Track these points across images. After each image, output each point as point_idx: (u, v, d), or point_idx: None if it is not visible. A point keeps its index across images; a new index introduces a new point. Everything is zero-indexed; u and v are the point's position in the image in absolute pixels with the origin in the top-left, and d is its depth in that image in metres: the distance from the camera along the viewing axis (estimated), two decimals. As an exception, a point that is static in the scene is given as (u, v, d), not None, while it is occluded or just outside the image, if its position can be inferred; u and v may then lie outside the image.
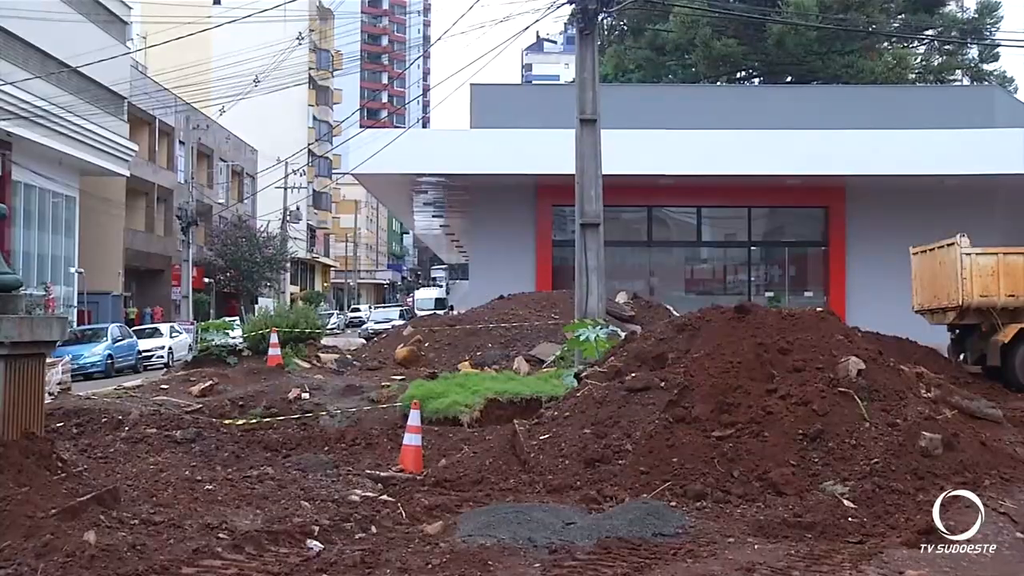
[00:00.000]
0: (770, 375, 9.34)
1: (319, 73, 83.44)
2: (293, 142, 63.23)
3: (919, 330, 20.12)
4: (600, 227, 16.75)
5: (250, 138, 65.01)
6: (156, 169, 51.13)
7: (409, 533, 7.36)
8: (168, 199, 52.37)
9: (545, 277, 26.84)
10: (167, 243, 51.94)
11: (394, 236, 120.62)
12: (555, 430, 9.51)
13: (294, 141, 65.02)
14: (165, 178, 52.34)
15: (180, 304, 48.38)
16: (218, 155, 60.42)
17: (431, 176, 27.03)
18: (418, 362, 18.16)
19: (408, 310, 59.59)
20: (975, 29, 41.12)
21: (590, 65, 17.11)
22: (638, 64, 42.72)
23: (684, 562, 6.54)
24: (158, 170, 51.45)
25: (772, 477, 8.15)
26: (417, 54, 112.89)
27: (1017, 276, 18.56)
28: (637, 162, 23.81)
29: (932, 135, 24.99)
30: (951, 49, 43.58)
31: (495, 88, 31.59)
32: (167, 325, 38.45)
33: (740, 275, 29.12)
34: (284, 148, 56.32)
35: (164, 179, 52.18)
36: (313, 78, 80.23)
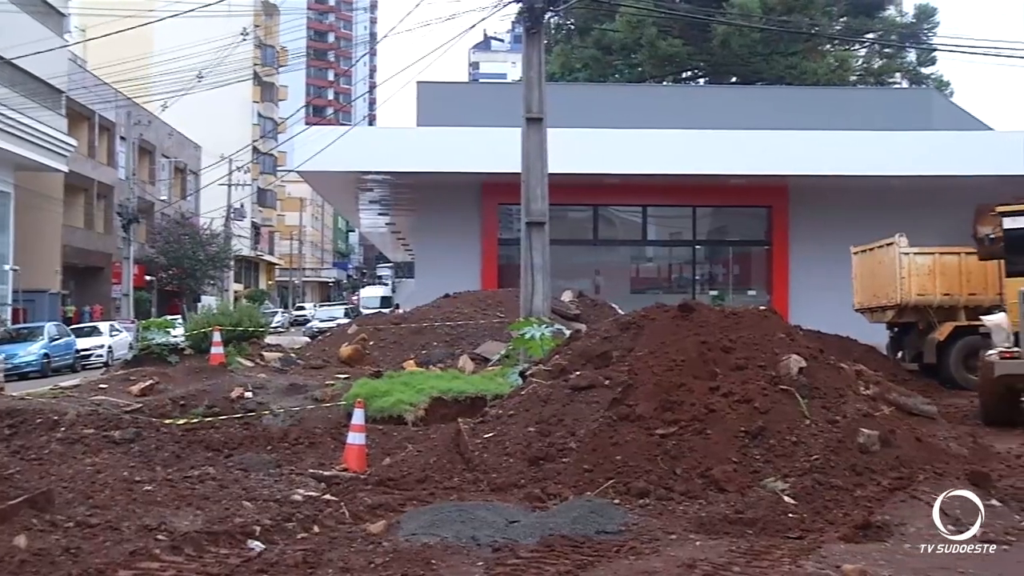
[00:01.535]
0: (713, 373, 9.42)
1: (264, 69, 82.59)
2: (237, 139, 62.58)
3: (860, 328, 20.49)
4: (546, 226, 16.79)
5: (193, 134, 64.13)
6: (96, 165, 50.22)
7: (352, 532, 7.29)
8: (108, 196, 51.45)
9: (491, 276, 26.85)
10: (107, 240, 51.03)
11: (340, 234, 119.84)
12: (499, 428, 9.50)
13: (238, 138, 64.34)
14: (105, 174, 51.42)
15: (121, 302, 47.57)
16: (160, 151, 59.51)
17: (377, 174, 26.90)
18: (363, 361, 18.07)
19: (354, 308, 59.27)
20: (913, 33, 41.94)
21: (536, 64, 17.14)
22: (584, 63, 42.92)
23: (627, 559, 6.56)
24: (98, 166, 50.53)
25: (714, 474, 8.22)
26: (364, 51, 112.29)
27: (952, 275, 18.97)
28: (583, 161, 23.91)
29: (872, 136, 25.42)
30: (891, 52, 44.40)
31: (442, 86, 31.53)
32: (107, 324, 37.81)
33: (685, 274, 29.39)
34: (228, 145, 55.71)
35: (104, 175, 51.26)
36: (258, 74, 79.40)
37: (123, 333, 35.39)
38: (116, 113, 51.11)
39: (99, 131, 50.54)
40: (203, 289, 59.16)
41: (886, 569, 6.35)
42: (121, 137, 52.89)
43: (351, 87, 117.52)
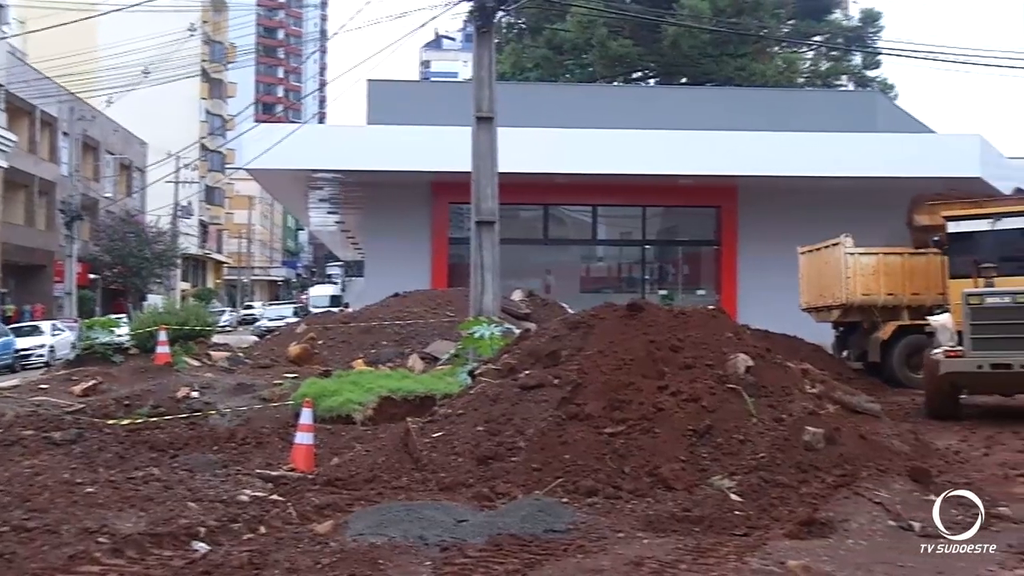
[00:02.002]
0: (661, 372, 9.48)
1: (212, 66, 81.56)
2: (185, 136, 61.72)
3: (807, 328, 20.74)
4: (496, 225, 16.80)
5: (139, 131, 63.15)
6: (37, 161, 49.22)
7: (299, 533, 7.22)
8: (50, 192, 50.47)
9: (441, 275, 26.79)
10: (49, 238, 50.07)
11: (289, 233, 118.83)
12: (448, 428, 9.47)
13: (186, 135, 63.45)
14: (47, 170, 50.43)
15: (63, 301, 46.73)
16: (105, 147, 58.51)
17: (327, 172, 26.71)
18: (311, 360, 17.92)
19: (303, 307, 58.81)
20: (859, 37, 42.59)
21: (487, 63, 17.15)
22: (536, 63, 43.00)
23: (574, 557, 6.58)
24: (39, 162, 49.53)
25: (662, 472, 8.26)
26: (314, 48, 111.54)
27: (896, 275, 19.29)
28: (534, 160, 23.94)
29: (819, 138, 25.74)
30: (837, 55, 45.04)
31: (392, 84, 31.39)
32: (48, 323, 37.08)
33: (635, 273, 29.55)
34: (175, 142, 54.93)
35: (46, 171, 50.26)
36: (206, 71, 78.40)
37: (65, 332, 34.73)
38: (59, 108, 50.17)
39: (40, 126, 49.56)
40: (149, 288, 58.30)
41: (829, 564, 6.43)
42: (64, 132, 51.93)
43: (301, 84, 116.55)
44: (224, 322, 55.22)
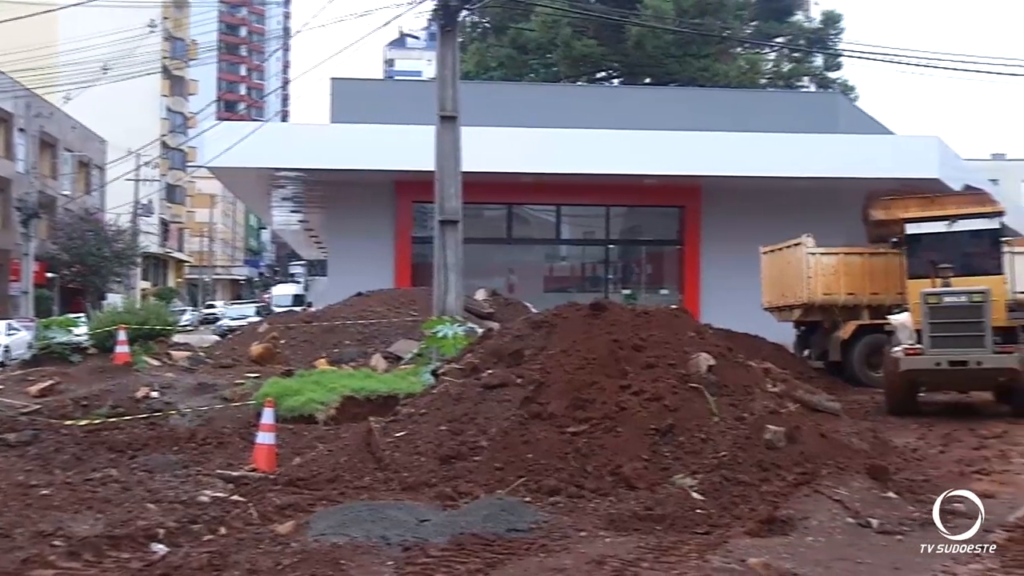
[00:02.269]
0: (624, 371, 9.50)
1: (173, 63, 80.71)
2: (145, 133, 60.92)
3: (768, 327, 20.89)
4: (459, 224, 16.78)
5: (99, 128, 62.31)
6: (-8, 158, 48.52)
7: (260, 533, 7.16)
8: (7, 189, 49.65)
9: (404, 274, 26.71)
10: (4, 236, 49.25)
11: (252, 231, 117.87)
12: (411, 427, 9.44)
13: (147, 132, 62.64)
14: (3, 167, 49.63)
15: (20, 300, 46.03)
16: (63, 145, 57.68)
17: (290, 171, 26.53)
18: (274, 359, 17.80)
19: (265, 307, 58.39)
20: (820, 39, 43.00)
21: (451, 62, 17.11)
22: (500, 62, 43.01)
23: (537, 556, 6.58)
24: (-5, 159, 48.82)
25: (625, 471, 8.28)
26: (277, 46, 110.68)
27: (857, 275, 19.49)
28: (498, 160, 23.90)
29: (781, 138, 25.93)
30: (799, 57, 45.44)
31: (356, 83, 31.24)
32: (3, 322, 36.48)
33: (598, 273, 29.62)
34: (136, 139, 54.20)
35: (2, 168, 49.50)
36: (167, 67, 77.59)
37: (22, 332, 34.14)
38: (15, 104, 49.36)
39: (-4, 122, 48.82)
40: (109, 287, 57.55)
41: (789, 562, 6.49)
42: (20, 129, 51.14)
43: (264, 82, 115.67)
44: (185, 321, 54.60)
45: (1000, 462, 10.94)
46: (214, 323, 57.80)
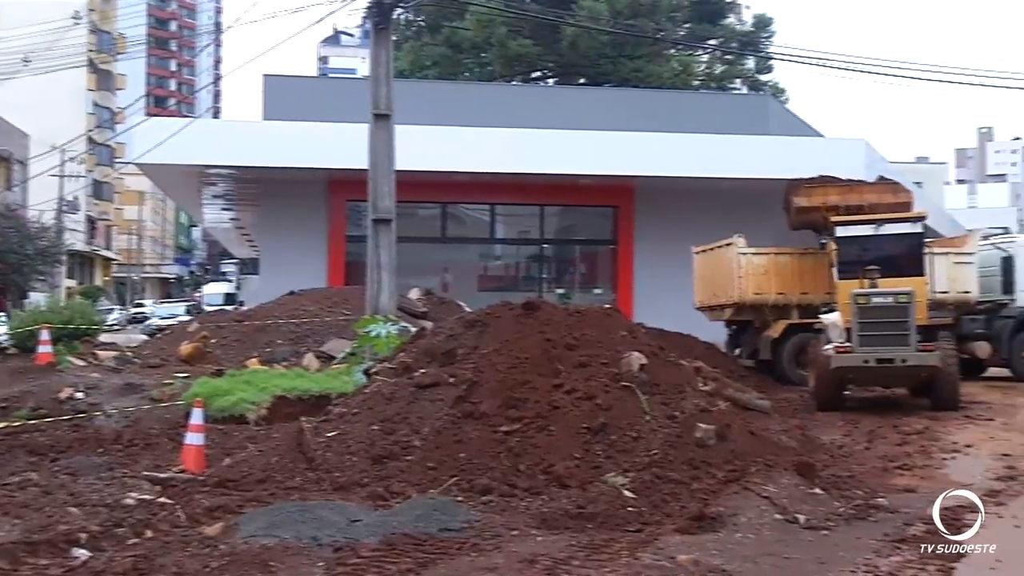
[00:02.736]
0: (557, 370, 9.54)
1: (100, 56, 78.99)
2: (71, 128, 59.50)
3: (701, 326, 21.09)
4: (393, 223, 16.68)
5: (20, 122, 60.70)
6: (-93, 152, 46.95)
7: (187, 536, 7.05)
8: (-76, 185, 48.24)
9: (338, 273, 26.47)
10: (-79, 232, 47.81)
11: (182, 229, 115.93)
12: (343, 427, 9.37)
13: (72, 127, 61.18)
14: (-79, 162, 48.19)
15: (-61, 299, 44.70)
16: (-18, 138, 56.10)
17: (221, 168, 26.11)
18: (204, 359, 17.53)
19: (196, 306, 57.46)
20: (752, 41, 43.60)
21: (384, 60, 17.01)
22: (434, 61, 42.87)
23: (468, 556, 6.58)
24: (-90, 153, 47.27)
25: (557, 470, 8.32)
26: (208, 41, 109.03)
27: (787, 275, 19.79)
28: (432, 158, 23.80)
29: (713, 140, 26.22)
30: (731, 59, 46.03)
31: (289, 80, 30.88)
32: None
33: (533, 272, 29.67)
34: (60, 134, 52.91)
35: (-80, 163, 48.05)
36: (93, 61, 75.88)
37: (-59, 332, 33.20)
38: (-68, 97, 47.95)
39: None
40: (32, 285, 56.10)
41: (718, 558, 6.57)
42: (-63, 122, 49.65)
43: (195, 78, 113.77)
44: (112, 321, 53.58)
45: (922, 457, 11.22)
46: (143, 322, 56.70)
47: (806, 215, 18.93)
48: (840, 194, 18.64)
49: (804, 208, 18.94)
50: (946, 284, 18.94)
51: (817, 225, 18.93)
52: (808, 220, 19.02)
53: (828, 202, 18.68)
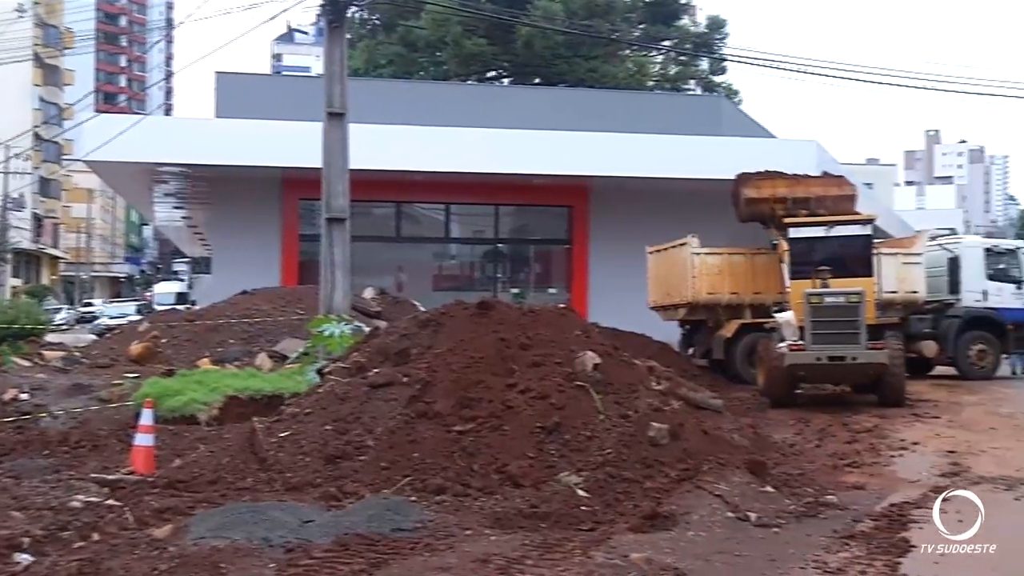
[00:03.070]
0: (511, 370, 9.54)
1: (46, 51, 77.64)
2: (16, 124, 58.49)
3: (655, 326, 21.22)
4: (347, 222, 16.57)
5: (-35, 117, 59.62)
6: None
7: (136, 538, 6.95)
8: None
9: (291, 272, 26.25)
10: None
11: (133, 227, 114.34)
12: (296, 427, 9.30)
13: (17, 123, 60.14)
14: None
15: None
16: (-76, 134, 54.92)
17: (172, 166, 25.77)
18: (154, 359, 17.32)
19: (147, 305, 56.72)
20: (706, 43, 43.93)
21: (338, 58, 16.88)
22: (389, 59, 42.67)
23: (421, 556, 6.56)
24: None
25: (511, 470, 8.31)
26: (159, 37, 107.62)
27: (740, 275, 20.01)
28: (387, 157, 23.69)
29: (667, 140, 26.36)
30: (685, 60, 46.34)
31: (242, 77, 30.58)
32: None
33: (487, 272, 29.65)
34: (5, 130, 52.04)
35: None
36: (39, 56, 74.57)
37: None
38: None
39: None
40: (-23, 284, 55.15)
41: (670, 556, 6.61)
42: None
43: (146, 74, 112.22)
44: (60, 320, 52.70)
45: (870, 455, 11.39)
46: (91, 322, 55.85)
47: (755, 206, 19.22)
48: (788, 186, 19.06)
49: (753, 199, 19.22)
50: (895, 284, 19.28)
51: (765, 217, 19.24)
52: (757, 212, 19.31)
53: (777, 194, 19.03)
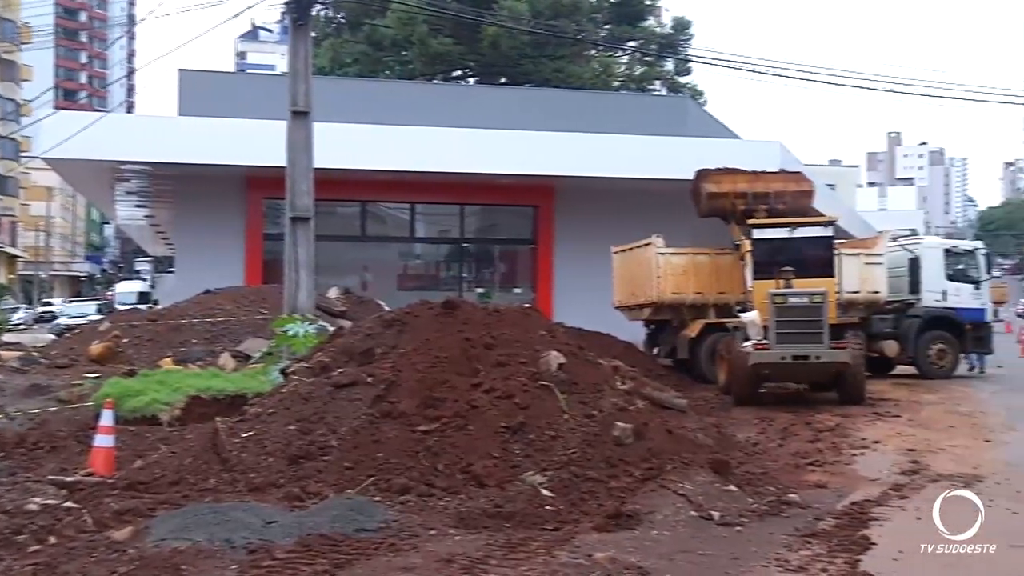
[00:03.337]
0: (475, 370, 9.52)
1: (3, 46, 76.58)
2: (-26, 120, 57.63)
3: (620, 326, 21.28)
4: (311, 221, 16.48)
5: (-79, 113, 58.60)
6: None
7: (94, 541, 6.86)
8: None
9: (255, 271, 26.06)
10: None
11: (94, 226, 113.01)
12: (259, 427, 9.22)
13: (-25, 119, 59.26)
14: None
15: None
16: None
17: (135, 164, 25.49)
18: (115, 359, 17.12)
19: (108, 304, 56.09)
20: (671, 44, 44.15)
21: (303, 57, 16.79)
22: (355, 58, 42.53)
23: (385, 556, 6.53)
24: None
25: (475, 469, 8.30)
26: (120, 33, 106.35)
27: (704, 275, 20.13)
28: (352, 156, 23.61)
29: (633, 140, 26.46)
30: (650, 61, 46.55)
31: (206, 75, 30.29)
32: None
33: (452, 272, 29.61)
34: (-37, 126, 51.26)
35: None
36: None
37: None
38: None
39: None
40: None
41: (634, 555, 6.63)
42: None
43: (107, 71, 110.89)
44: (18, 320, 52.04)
45: (832, 454, 11.51)
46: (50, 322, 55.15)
47: (716, 201, 19.52)
48: (748, 182, 19.44)
49: (714, 194, 19.52)
50: (857, 284, 19.50)
51: (726, 212, 19.53)
52: (717, 207, 19.59)
53: (737, 189, 19.37)
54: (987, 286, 21.63)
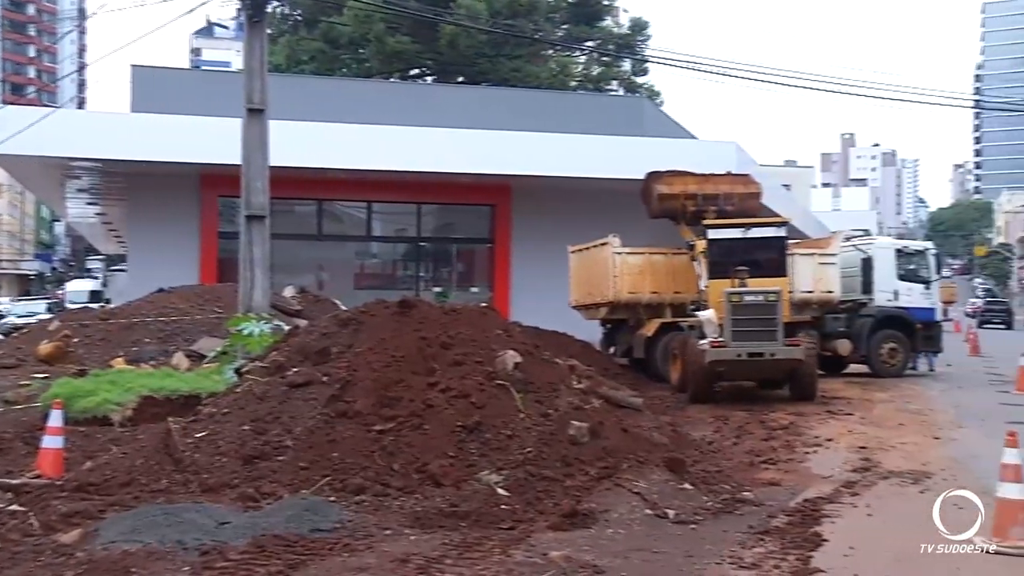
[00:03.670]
0: (431, 369, 9.49)
1: (-48, 40, 75.16)
2: (-78, 115, 56.47)
3: (577, 325, 21.34)
4: (266, 220, 16.33)
5: None
6: None
7: (40, 544, 6.75)
8: None
9: (210, 270, 25.79)
10: None
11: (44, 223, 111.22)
12: (213, 427, 9.13)
13: (-77, 114, 58.06)
14: None
15: None
16: None
17: (85, 161, 25.11)
18: (65, 359, 16.82)
19: (58, 303, 55.25)
20: (628, 44, 44.37)
21: (258, 53, 16.62)
22: (311, 56, 42.26)
23: (340, 556, 6.50)
24: None
25: (431, 469, 8.28)
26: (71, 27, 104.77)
27: (661, 274, 20.27)
28: (308, 154, 23.44)
29: (590, 140, 26.55)
30: (608, 61, 46.75)
31: (159, 71, 29.91)
32: None
33: (409, 271, 29.52)
34: (-90, 121, 50.18)
35: None
36: (-55, 45, 72.09)
37: None
38: None
39: None
40: None
41: (589, 554, 6.65)
42: None
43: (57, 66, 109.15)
44: (-36, 319, 51.00)
45: (786, 452, 11.63)
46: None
47: (667, 202, 19.91)
48: (698, 184, 19.86)
49: (665, 196, 19.89)
50: (811, 284, 19.75)
51: (676, 213, 19.87)
52: (668, 208, 19.98)
53: (687, 190, 19.75)
54: (937, 286, 22.02)
